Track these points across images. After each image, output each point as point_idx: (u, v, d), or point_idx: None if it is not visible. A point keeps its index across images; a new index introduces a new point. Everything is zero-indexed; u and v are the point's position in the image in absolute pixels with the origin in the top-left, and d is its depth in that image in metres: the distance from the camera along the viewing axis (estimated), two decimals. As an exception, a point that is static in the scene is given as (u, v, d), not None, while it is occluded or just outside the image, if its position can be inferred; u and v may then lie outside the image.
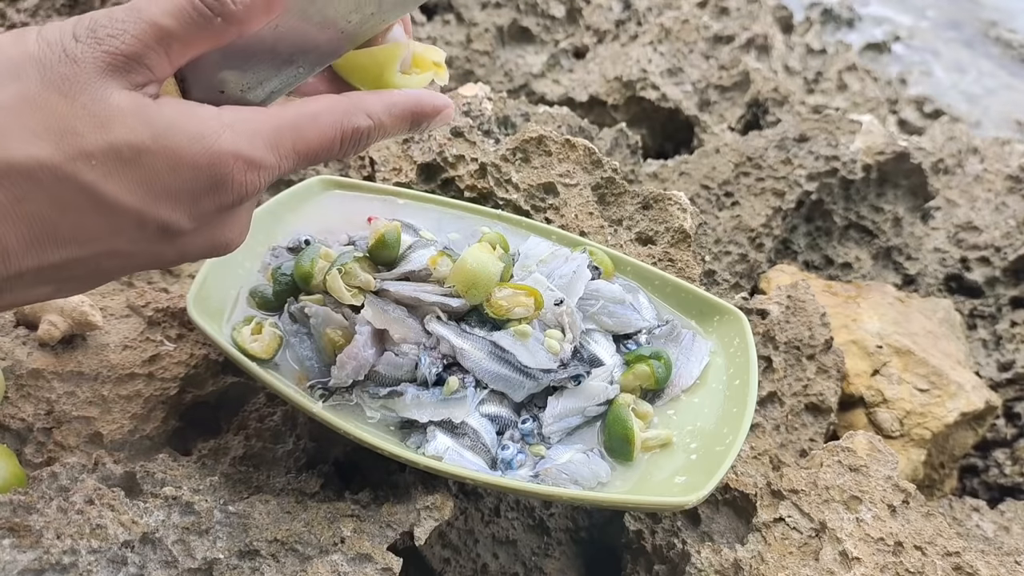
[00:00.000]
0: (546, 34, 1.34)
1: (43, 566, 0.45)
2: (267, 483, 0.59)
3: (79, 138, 0.34)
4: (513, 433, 0.55)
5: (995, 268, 1.03)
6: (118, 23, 0.36)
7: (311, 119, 0.40)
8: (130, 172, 0.35)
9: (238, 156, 0.37)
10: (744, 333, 0.61)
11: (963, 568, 0.55)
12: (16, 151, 0.33)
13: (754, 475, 0.63)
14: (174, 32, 0.37)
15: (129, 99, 0.36)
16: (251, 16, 0.38)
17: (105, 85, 0.35)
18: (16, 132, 0.34)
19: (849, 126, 1.03)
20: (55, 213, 0.35)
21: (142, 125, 0.36)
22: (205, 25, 0.37)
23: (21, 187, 0.34)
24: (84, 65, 0.35)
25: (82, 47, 0.35)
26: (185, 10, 0.37)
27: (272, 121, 0.39)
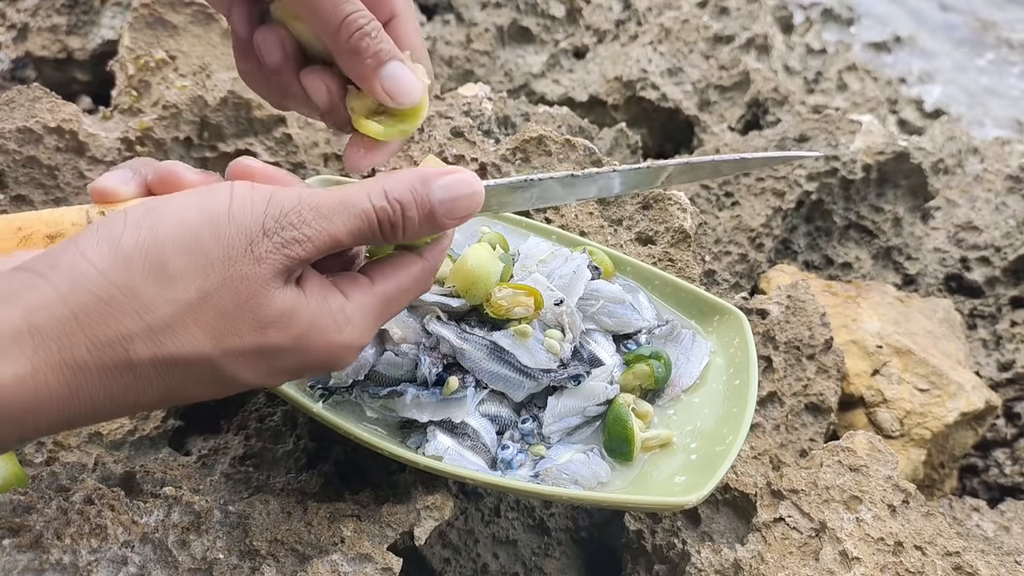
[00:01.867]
0: (546, 34, 1.34)
1: (43, 566, 0.45)
2: (267, 483, 0.59)
3: (238, 339, 0.38)
4: (513, 433, 0.55)
5: (995, 268, 1.03)
6: (306, 228, 0.40)
7: (401, 295, 0.45)
8: (264, 363, 0.40)
9: (350, 346, 0.42)
10: (744, 333, 0.61)
11: (963, 568, 0.55)
12: (183, 347, 0.37)
13: (754, 475, 0.63)
14: (345, 244, 0.41)
15: (287, 300, 0.40)
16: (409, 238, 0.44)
17: (273, 288, 0.39)
18: (188, 329, 0.37)
19: (849, 126, 1.03)
20: (190, 384, 0.39)
21: (290, 328, 0.40)
22: (373, 240, 0.42)
23: (176, 373, 0.38)
24: (263, 266, 0.39)
25: (267, 246, 0.39)
26: (363, 231, 0.41)
27: (379, 302, 0.44)
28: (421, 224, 0.43)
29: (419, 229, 0.43)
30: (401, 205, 0.42)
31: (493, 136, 0.85)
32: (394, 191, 0.42)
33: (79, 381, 0.35)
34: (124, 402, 0.37)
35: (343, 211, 0.41)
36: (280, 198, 0.39)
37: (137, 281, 0.36)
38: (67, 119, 0.73)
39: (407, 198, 0.42)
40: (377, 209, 0.41)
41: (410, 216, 0.42)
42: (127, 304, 0.36)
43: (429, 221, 0.43)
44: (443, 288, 0.57)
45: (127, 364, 0.36)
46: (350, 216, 0.41)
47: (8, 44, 1.08)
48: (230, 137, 0.80)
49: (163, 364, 0.37)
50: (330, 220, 0.40)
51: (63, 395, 0.35)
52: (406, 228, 0.42)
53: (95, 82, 1.12)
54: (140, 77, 0.81)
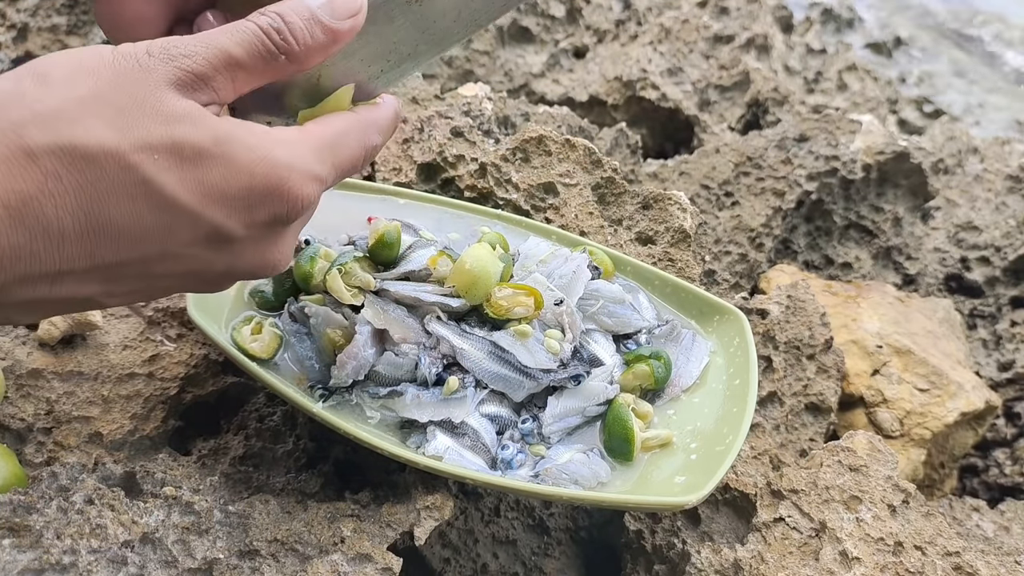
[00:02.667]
0: (546, 34, 1.34)
1: (43, 566, 0.45)
2: (267, 483, 0.59)
3: (144, 131, 0.36)
4: (513, 433, 0.55)
5: (995, 268, 1.03)
6: (191, 46, 0.38)
7: (343, 137, 0.43)
8: (189, 171, 0.37)
9: (292, 168, 0.39)
10: (744, 333, 0.61)
11: (963, 568, 0.55)
12: (83, 136, 0.34)
13: (754, 475, 0.63)
14: (242, 62, 0.40)
15: (193, 107, 0.38)
16: (311, 57, 0.42)
17: (172, 93, 0.37)
18: (85, 119, 0.35)
19: (849, 126, 1.03)
20: (113, 202, 0.35)
21: (204, 129, 0.37)
22: (270, 60, 0.40)
23: (84, 172, 0.35)
24: (155, 74, 0.37)
25: (155, 60, 0.37)
26: (254, 44, 0.40)
27: (314, 138, 0.41)
28: (309, 27, 0.41)
29: (310, 36, 0.41)
30: (279, 13, 0.41)
31: (493, 136, 0.85)
32: (270, 7, 0.41)
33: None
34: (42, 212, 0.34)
35: (225, 31, 0.40)
36: (161, 39, 0.39)
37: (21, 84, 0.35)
38: (67, 119, 0.73)
39: (284, 7, 0.41)
40: (257, 21, 0.40)
41: (292, 21, 0.40)
42: (11, 99, 0.34)
43: (315, 25, 0.41)
44: (443, 288, 0.57)
45: (25, 151, 0.34)
46: (234, 32, 0.40)
47: (8, 44, 1.08)
48: (230, 137, 0.80)
49: (66, 154, 0.34)
50: (215, 37, 0.39)
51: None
52: (295, 35, 0.41)
53: (95, 82, 1.12)
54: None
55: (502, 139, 0.82)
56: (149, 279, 0.39)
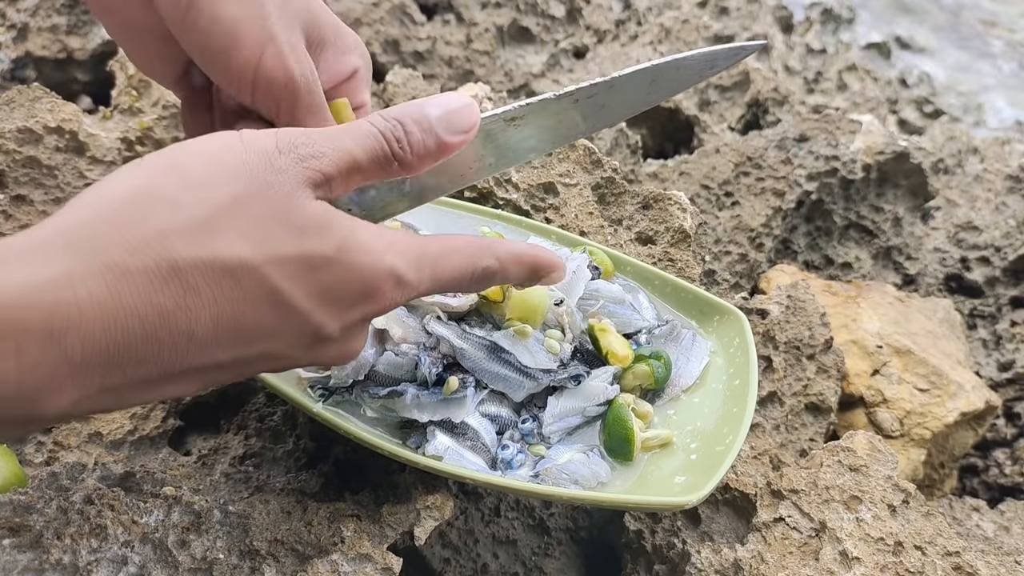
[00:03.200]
0: (546, 34, 1.34)
1: (43, 566, 0.45)
2: (267, 483, 0.59)
3: (278, 244, 0.37)
4: (513, 433, 0.55)
5: (995, 268, 1.03)
6: (319, 145, 0.40)
7: (452, 252, 0.44)
8: (312, 278, 0.38)
9: (394, 273, 0.41)
10: (744, 333, 0.61)
11: (963, 568, 0.55)
12: (224, 250, 0.35)
13: (754, 475, 0.63)
14: (362, 166, 0.41)
15: (321, 209, 0.39)
16: (421, 166, 0.44)
17: (303, 195, 0.38)
18: (226, 232, 0.36)
19: (849, 126, 1.03)
20: (241, 311, 0.36)
21: (331, 238, 0.39)
22: (386, 166, 0.42)
23: (222, 285, 0.36)
24: (287, 175, 0.38)
25: (285, 159, 0.38)
26: (375, 150, 0.42)
27: (420, 248, 0.43)
28: (425, 139, 0.43)
29: (425, 145, 0.43)
30: (400, 122, 0.43)
31: (493, 136, 0.85)
32: (390, 112, 0.43)
33: (120, 284, 0.33)
34: (176, 324, 0.34)
35: (350, 132, 0.41)
36: (288, 129, 0.40)
37: (161, 182, 0.35)
38: (67, 119, 0.73)
39: (404, 116, 0.43)
40: (380, 127, 0.42)
41: (411, 131, 0.43)
42: (157, 202, 0.35)
43: (432, 136, 0.43)
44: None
45: (170, 266, 0.34)
46: (357, 135, 0.41)
47: (8, 44, 1.08)
48: (230, 137, 0.80)
49: (208, 269, 0.35)
50: (340, 139, 0.41)
51: (104, 301, 0.32)
52: (412, 144, 0.43)
53: (95, 82, 1.12)
54: (140, 77, 0.81)
55: (502, 139, 0.82)
56: (249, 369, 0.40)
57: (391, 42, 1.25)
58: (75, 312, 0.31)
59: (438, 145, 0.44)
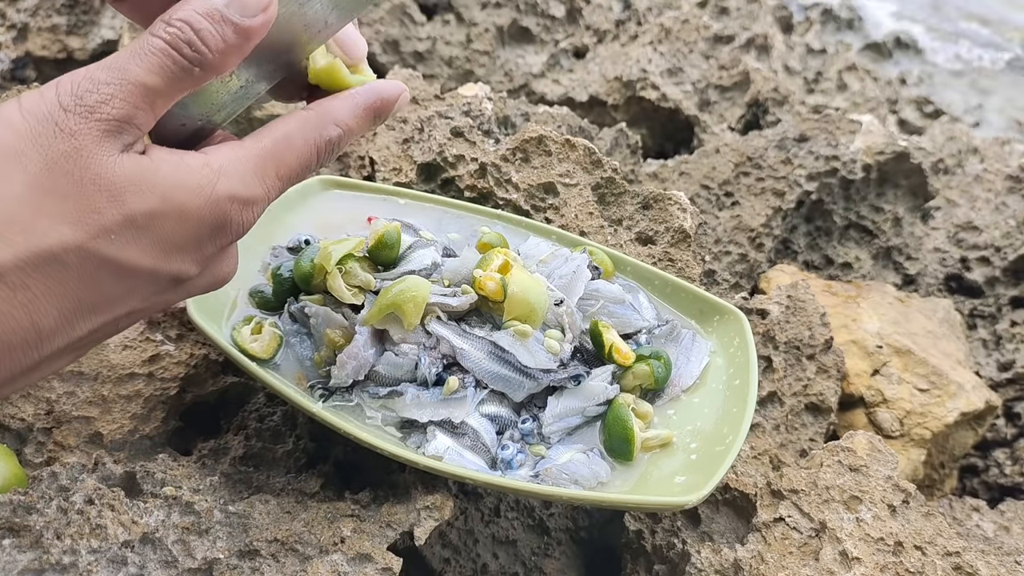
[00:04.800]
0: (546, 34, 1.34)
1: (43, 566, 0.45)
2: (267, 483, 0.59)
3: (97, 215, 0.35)
4: (513, 433, 0.55)
5: (995, 268, 1.03)
6: (104, 87, 0.36)
7: (286, 142, 0.41)
8: (145, 236, 0.37)
9: (234, 198, 0.39)
10: (744, 333, 0.61)
11: (963, 568, 0.55)
12: (41, 241, 0.34)
13: (754, 475, 0.63)
14: (159, 88, 0.37)
15: (131, 164, 0.36)
16: (227, 62, 0.39)
17: (106, 154, 0.36)
18: (38, 221, 0.34)
19: (849, 126, 1.03)
20: (81, 289, 0.35)
21: (149, 189, 0.36)
22: (186, 76, 0.38)
23: (50, 272, 0.34)
24: (81, 138, 0.35)
25: (73, 119, 0.35)
26: (167, 66, 0.37)
27: (253, 154, 0.40)
28: (221, 31, 0.38)
29: (223, 41, 0.38)
30: (186, 22, 0.38)
31: (493, 136, 0.85)
32: (174, 13, 0.38)
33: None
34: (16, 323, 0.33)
35: (134, 56, 0.37)
36: (67, 78, 0.36)
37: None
38: (67, 119, 0.73)
39: (188, 14, 0.38)
40: (163, 36, 0.37)
41: (201, 28, 0.38)
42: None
43: (228, 26, 0.38)
44: (443, 288, 0.57)
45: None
46: (143, 56, 0.37)
47: (8, 44, 1.08)
48: (230, 137, 0.80)
49: (29, 264, 0.33)
50: (126, 70, 0.36)
51: None
52: (207, 43, 0.38)
53: (95, 82, 1.12)
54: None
55: (502, 139, 0.82)
56: (117, 327, 0.40)
57: (391, 42, 1.25)
58: None
59: (238, 32, 0.39)
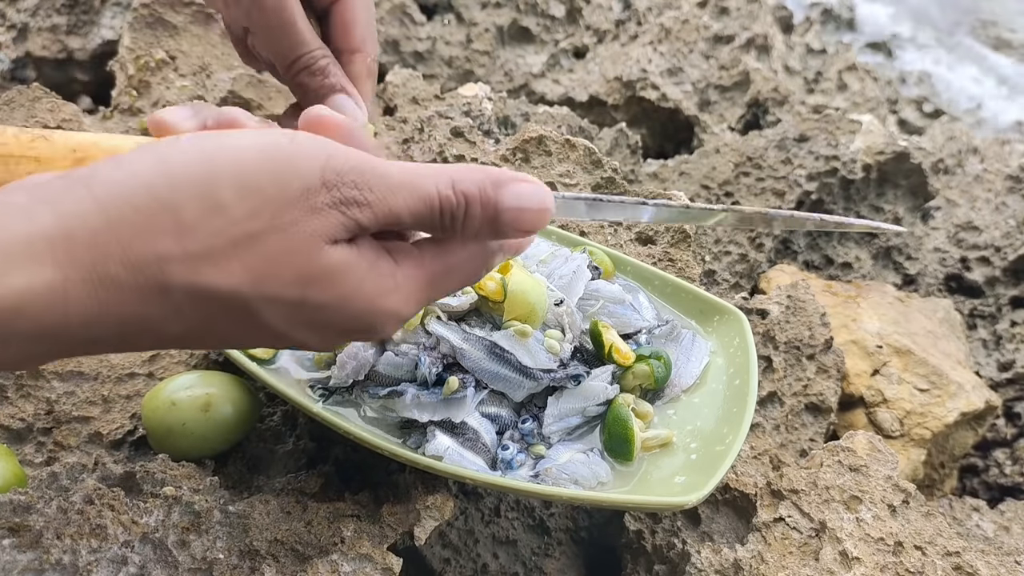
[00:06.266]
0: (546, 34, 1.34)
1: (43, 566, 0.45)
2: (267, 483, 0.59)
3: (279, 284, 0.36)
4: (513, 433, 0.55)
5: (995, 268, 1.03)
6: (368, 192, 0.37)
7: (448, 274, 0.42)
8: (302, 317, 0.38)
9: (393, 315, 0.40)
10: (744, 333, 0.61)
11: (963, 568, 0.55)
12: (220, 281, 0.35)
13: (754, 475, 0.63)
14: (404, 224, 0.39)
15: (335, 259, 0.37)
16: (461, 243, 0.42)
17: (322, 240, 0.37)
18: (229, 264, 0.35)
19: (849, 126, 1.03)
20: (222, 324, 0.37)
21: (337, 287, 0.37)
22: (429, 228, 0.40)
23: (208, 307, 0.35)
24: (318, 220, 0.36)
25: (325, 198, 0.36)
26: (423, 218, 0.39)
27: (425, 281, 0.41)
28: (482, 226, 0.40)
29: (479, 230, 0.40)
30: (467, 199, 0.39)
31: (493, 136, 0.85)
32: (462, 183, 0.39)
33: (109, 297, 0.33)
34: (150, 329, 0.35)
35: (408, 188, 0.38)
36: (344, 153, 0.37)
37: (182, 202, 0.34)
38: (67, 119, 0.73)
39: (474, 194, 0.39)
40: (442, 197, 0.39)
41: (473, 214, 0.40)
42: (168, 223, 0.33)
43: (491, 225, 0.40)
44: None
45: (161, 287, 0.34)
46: (414, 196, 0.38)
47: (8, 44, 1.08)
48: (230, 137, 0.80)
49: (198, 294, 0.35)
50: (394, 193, 0.38)
51: (91, 311, 0.33)
52: (466, 225, 0.40)
53: (95, 82, 1.12)
54: (140, 77, 0.81)
55: (502, 139, 0.82)
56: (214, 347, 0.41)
57: (391, 42, 1.25)
58: (61, 318, 0.32)
59: (494, 233, 0.41)
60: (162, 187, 0.34)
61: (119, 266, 0.33)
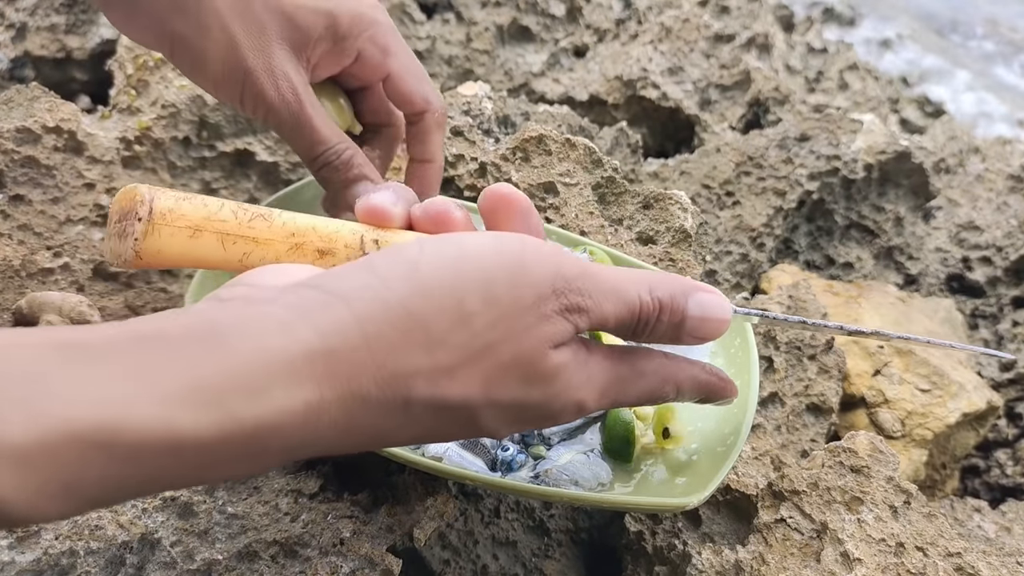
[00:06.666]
0: (546, 33, 1.34)
1: (41, 567, 0.45)
2: (266, 484, 0.58)
3: (506, 391, 0.37)
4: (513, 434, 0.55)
5: (997, 268, 1.03)
6: (588, 299, 0.38)
7: (638, 378, 0.43)
8: (514, 415, 0.38)
9: (580, 406, 0.41)
10: (745, 333, 0.60)
11: (964, 569, 0.55)
12: (456, 391, 0.36)
13: (755, 476, 0.63)
14: (607, 328, 0.41)
15: (558, 363, 0.38)
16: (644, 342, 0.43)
17: (550, 346, 0.38)
18: (467, 375, 0.36)
19: (850, 125, 1.03)
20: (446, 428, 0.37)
21: (550, 387, 0.38)
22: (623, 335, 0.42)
23: (441, 418, 0.36)
24: (546, 327, 0.37)
25: (553, 305, 0.37)
26: (624, 323, 0.41)
27: (611, 375, 0.41)
28: (667, 331, 0.42)
29: (663, 334, 0.42)
30: (661, 306, 0.41)
31: (493, 135, 0.85)
32: (658, 290, 0.41)
33: (359, 413, 0.33)
34: (384, 435, 0.36)
35: (616, 294, 0.40)
36: (568, 261, 0.39)
37: (433, 316, 0.35)
38: (66, 119, 0.73)
39: (667, 302, 0.41)
40: (643, 303, 0.40)
41: (663, 320, 0.41)
42: (419, 337, 0.34)
43: (674, 331, 0.42)
44: None
45: (405, 402, 0.34)
46: (620, 302, 0.40)
47: (6, 43, 1.08)
48: (229, 136, 0.80)
49: (435, 407, 0.35)
50: (606, 298, 0.39)
51: (340, 426, 0.33)
52: (655, 330, 0.42)
53: (94, 81, 1.11)
54: (139, 76, 0.81)
55: (502, 138, 0.82)
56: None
57: (391, 41, 1.24)
58: (312, 435, 0.32)
59: (673, 339, 0.42)
60: (416, 302, 0.34)
61: (371, 383, 0.33)
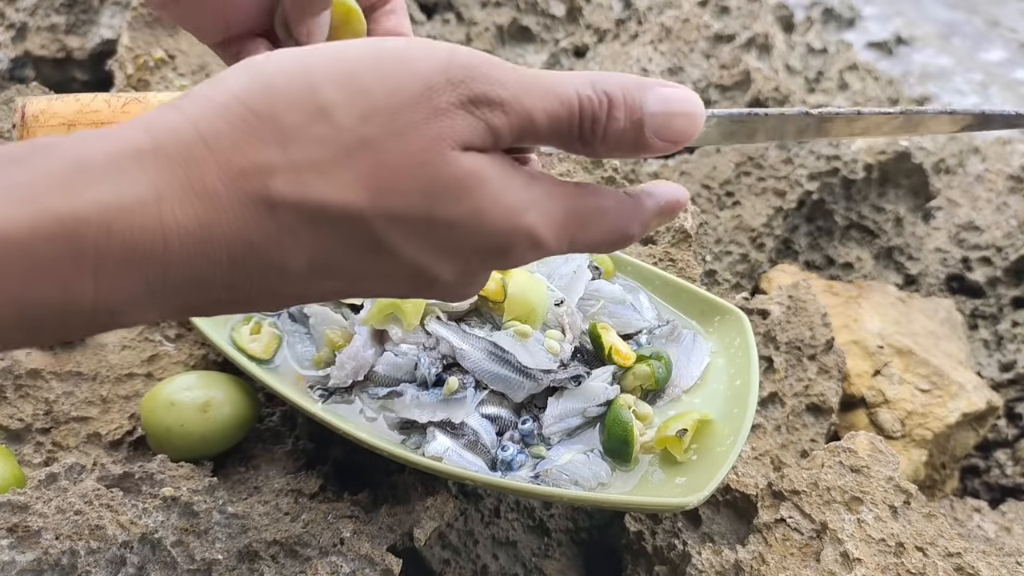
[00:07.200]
0: (546, 33, 1.34)
1: (42, 567, 0.45)
2: (266, 483, 0.59)
3: (400, 201, 0.32)
4: (513, 434, 0.55)
5: (996, 268, 1.03)
6: (502, 89, 0.33)
7: (600, 215, 0.37)
8: (432, 238, 0.33)
9: (532, 235, 0.35)
10: (745, 333, 0.60)
11: (964, 569, 0.55)
12: (331, 195, 0.31)
13: (755, 476, 0.63)
14: (539, 132, 0.34)
15: (469, 168, 0.33)
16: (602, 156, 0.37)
17: (453, 148, 0.32)
18: (340, 174, 0.31)
19: (850, 126, 1.03)
20: (339, 251, 0.32)
21: (467, 201, 0.33)
22: (566, 140, 0.35)
23: (321, 229, 0.31)
24: (442, 121, 0.32)
25: (449, 96, 0.32)
26: (562, 123, 0.34)
27: (567, 205, 0.36)
28: (625, 132, 0.35)
29: (621, 137, 0.35)
30: (609, 100, 0.34)
31: (493, 135, 0.85)
32: (603, 84, 0.34)
33: (210, 215, 0.29)
34: (266, 263, 0.31)
35: (544, 88, 0.33)
36: (469, 51, 0.33)
37: (280, 109, 0.30)
38: (66, 118, 0.73)
39: (617, 95, 0.34)
40: (583, 98, 0.34)
41: (615, 117, 0.34)
42: (267, 132, 0.30)
43: (634, 131, 0.35)
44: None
45: (266, 201, 0.30)
46: (551, 95, 0.33)
47: (7, 43, 1.08)
48: (230, 136, 0.80)
49: (308, 212, 0.30)
50: (529, 91, 0.33)
51: (193, 232, 0.29)
52: (608, 130, 0.35)
53: (94, 81, 1.11)
54: (139, 76, 0.81)
55: (502, 139, 0.82)
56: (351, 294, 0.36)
57: (391, 41, 1.24)
58: (159, 243, 0.28)
59: (636, 144, 0.35)
60: (258, 97, 0.30)
61: (216, 178, 0.29)
